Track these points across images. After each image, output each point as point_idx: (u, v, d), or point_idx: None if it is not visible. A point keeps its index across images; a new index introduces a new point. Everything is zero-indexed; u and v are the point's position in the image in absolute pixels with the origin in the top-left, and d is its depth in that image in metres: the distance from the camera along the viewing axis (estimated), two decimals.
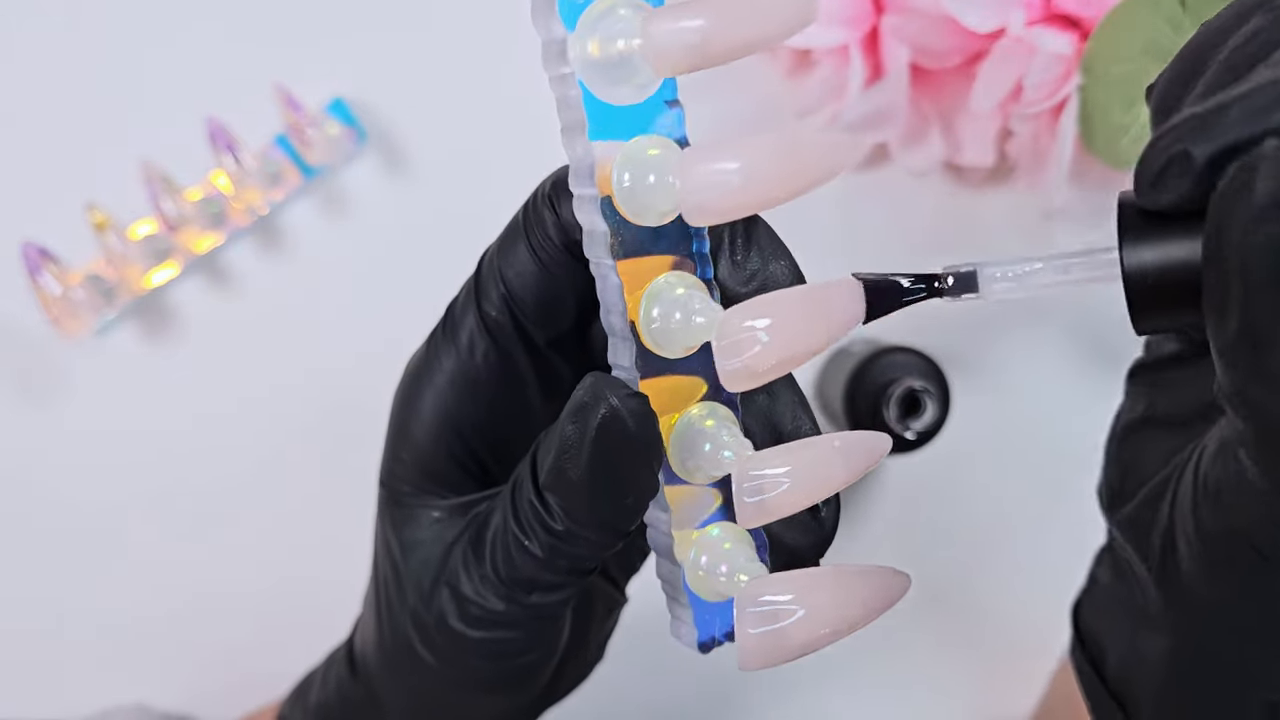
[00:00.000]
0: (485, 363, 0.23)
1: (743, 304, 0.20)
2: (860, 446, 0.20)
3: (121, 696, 0.45)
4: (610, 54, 0.19)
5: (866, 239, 0.47)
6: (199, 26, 0.46)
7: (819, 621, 0.20)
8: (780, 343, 0.19)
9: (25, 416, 0.45)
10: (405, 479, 0.25)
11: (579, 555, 0.22)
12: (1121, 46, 0.37)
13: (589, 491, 0.20)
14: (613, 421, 0.20)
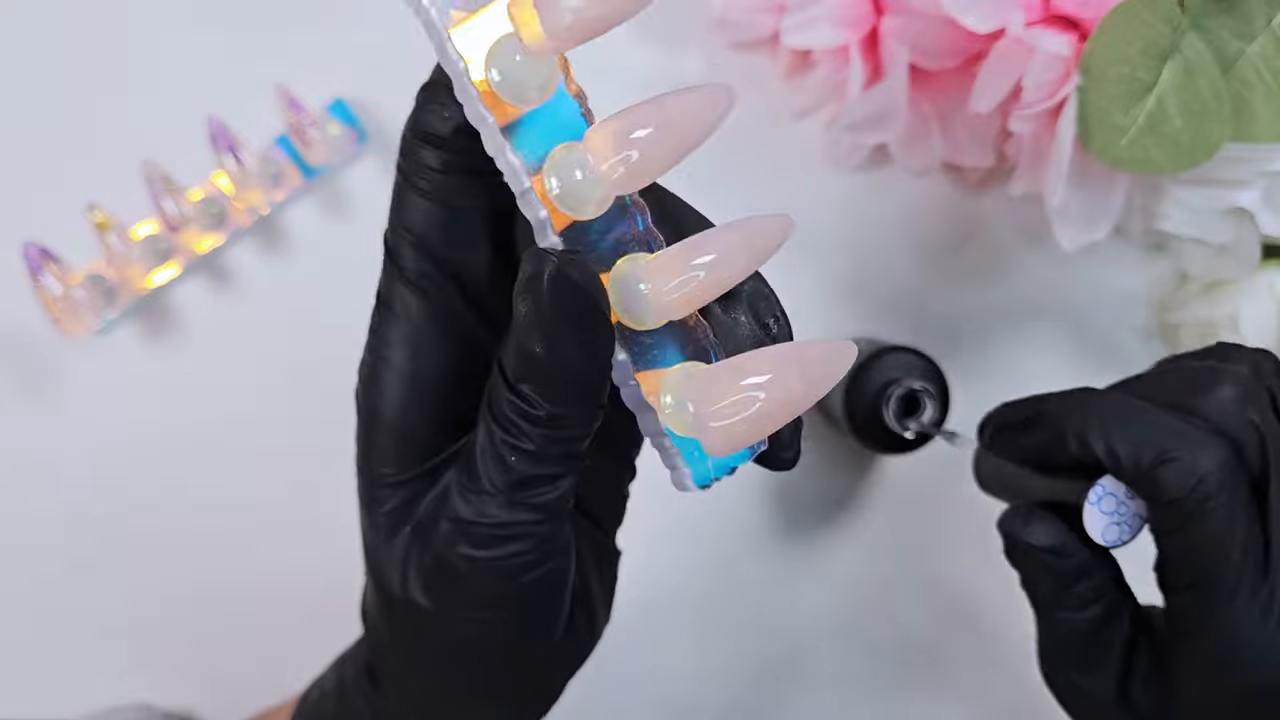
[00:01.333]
0: (424, 318, 0.24)
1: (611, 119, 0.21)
2: (760, 229, 0.22)
3: (123, 696, 0.45)
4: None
5: (866, 239, 0.47)
6: (200, 27, 0.46)
7: (770, 396, 0.20)
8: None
9: (26, 416, 0.45)
10: (383, 460, 0.25)
11: (567, 436, 0.22)
12: (1120, 47, 0.37)
13: (557, 362, 0.21)
14: (560, 279, 0.20)
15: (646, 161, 0.21)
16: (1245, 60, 0.37)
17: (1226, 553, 0.28)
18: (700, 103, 0.21)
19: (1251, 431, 0.29)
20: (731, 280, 0.22)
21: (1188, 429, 0.29)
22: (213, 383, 0.46)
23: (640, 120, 0.21)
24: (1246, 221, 0.40)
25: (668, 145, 0.21)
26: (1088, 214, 0.42)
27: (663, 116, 0.21)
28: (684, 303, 0.21)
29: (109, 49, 0.46)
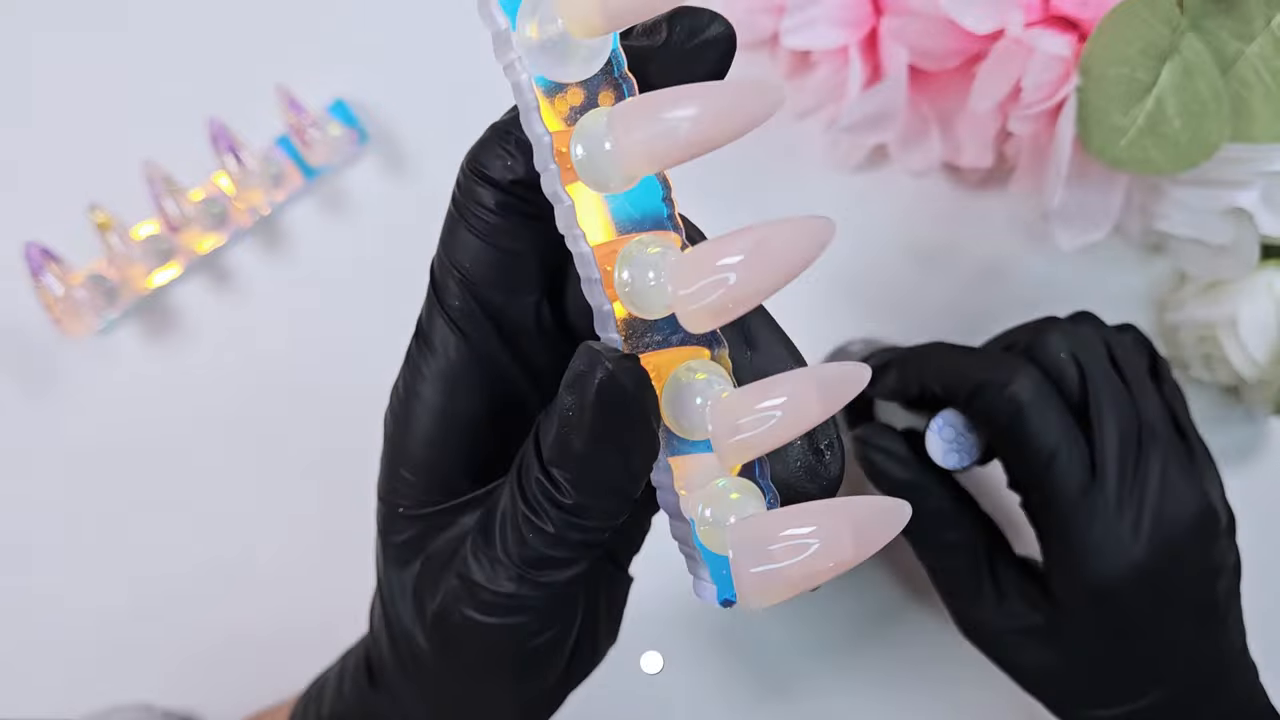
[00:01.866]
0: (462, 358, 0.23)
1: (704, 245, 0.19)
2: (838, 378, 0.20)
3: (123, 696, 0.45)
4: (550, 34, 0.19)
5: (866, 239, 0.47)
6: (201, 27, 0.46)
7: (818, 554, 0.20)
8: (743, 277, 0.19)
9: (26, 416, 0.45)
10: (406, 495, 0.24)
11: (590, 527, 0.22)
12: (1119, 48, 0.37)
13: (594, 460, 0.21)
14: (610, 386, 0.20)
15: (729, 297, 0.19)
16: (1244, 61, 0.37)
17: (1048, 458, 0.33)
18: (797, 235, 0.19)
19: (1070, 364, 0.34)
20: (799, 431, 0.20)
21: (1004, 361, 0.34)
22: (213, 383, 0.46)
23: (732, 249, 0.19)
24: (1245, 222, 0.40)
25: (757, 280, 0.19)
26: (1087, 214, 0.42)
27: (756, 248, 0.19)
28: (743, 449, 0.20)
29: (110, 49, 0.46)
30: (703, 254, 0.19)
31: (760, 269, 0.19)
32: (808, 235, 0.19)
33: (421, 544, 0.25)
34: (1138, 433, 0.33)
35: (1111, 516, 0.33)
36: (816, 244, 0.19)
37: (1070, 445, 0.33)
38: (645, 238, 0.20)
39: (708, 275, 0.19)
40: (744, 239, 0.19)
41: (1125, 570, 0.33)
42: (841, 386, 0.20)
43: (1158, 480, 0.33)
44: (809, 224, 0.19)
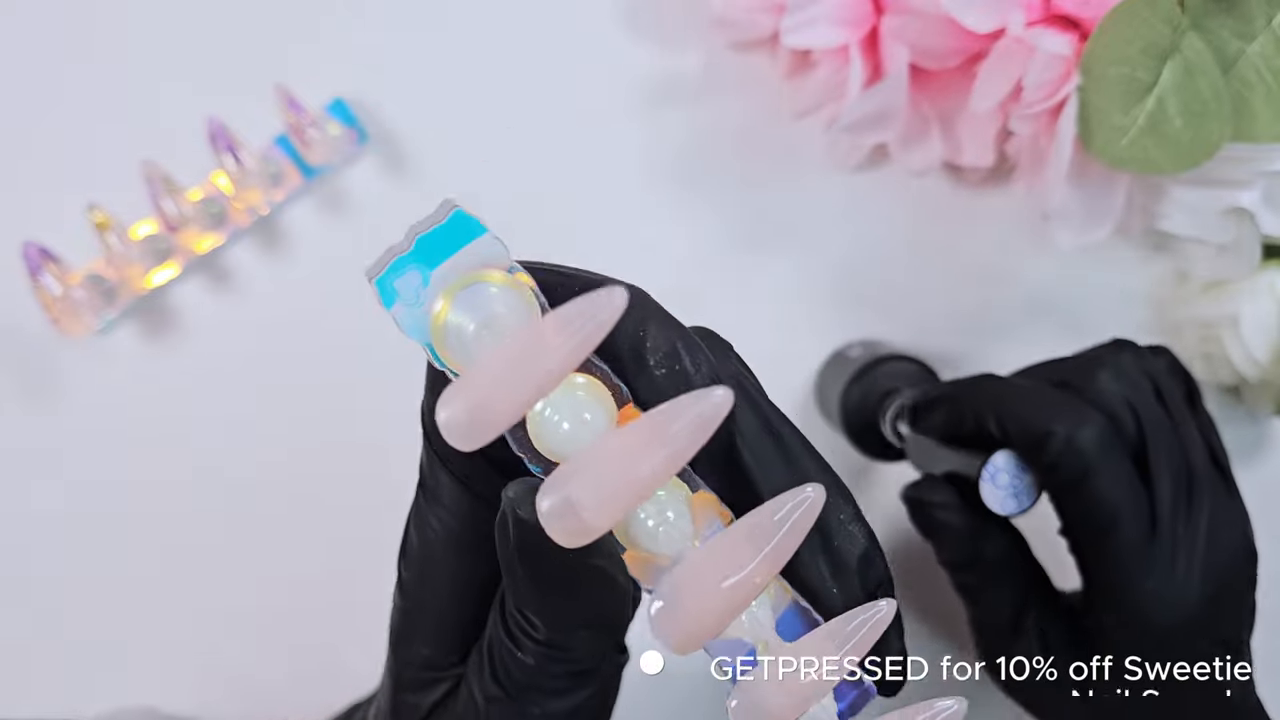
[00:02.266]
0: (472, 516, 0.22)
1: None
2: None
3: (122, 698, 0.45)
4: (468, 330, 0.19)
5: (866, 239, 0.47)
6: (199, 26, 0.46)
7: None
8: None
9: (26, 416, 0.45)
10: (418, 661, 0.24)
11: (573, 658, 0.21)
12: (1120, 47, 0.37)
13: (547, 601, 0.20)
14: (526, 533, 0.19)
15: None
16: (1245, 60, 0.37)
17: (1113, 515, 0.32)
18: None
19: (1126, 408, 0.33)
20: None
21: (1067, 405, 0.32)
22: (212, 383, 0.46)
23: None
24: (1247, 221, 0.40)
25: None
26: (1088, 214, 0.42)
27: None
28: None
29: (109, 48, 0.46)
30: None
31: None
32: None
33: (438, 706, 0.24)
34: (1188, 478, 0.33)
35: (1166, 569, 0.32)
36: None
37: (1134, 502, 0.32)
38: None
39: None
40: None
41: (1178, 621, 0.32)
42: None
43: (1206, 525, 0.32)
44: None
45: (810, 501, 0.19)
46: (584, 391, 0.19)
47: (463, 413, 0.18)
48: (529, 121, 0.46)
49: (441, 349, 0.19)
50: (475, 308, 0.19)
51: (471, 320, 0.19)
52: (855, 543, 0.20)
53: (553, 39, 0.47)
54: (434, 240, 0.19)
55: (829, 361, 0.46)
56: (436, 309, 0.19)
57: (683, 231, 0.46)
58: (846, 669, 0.19)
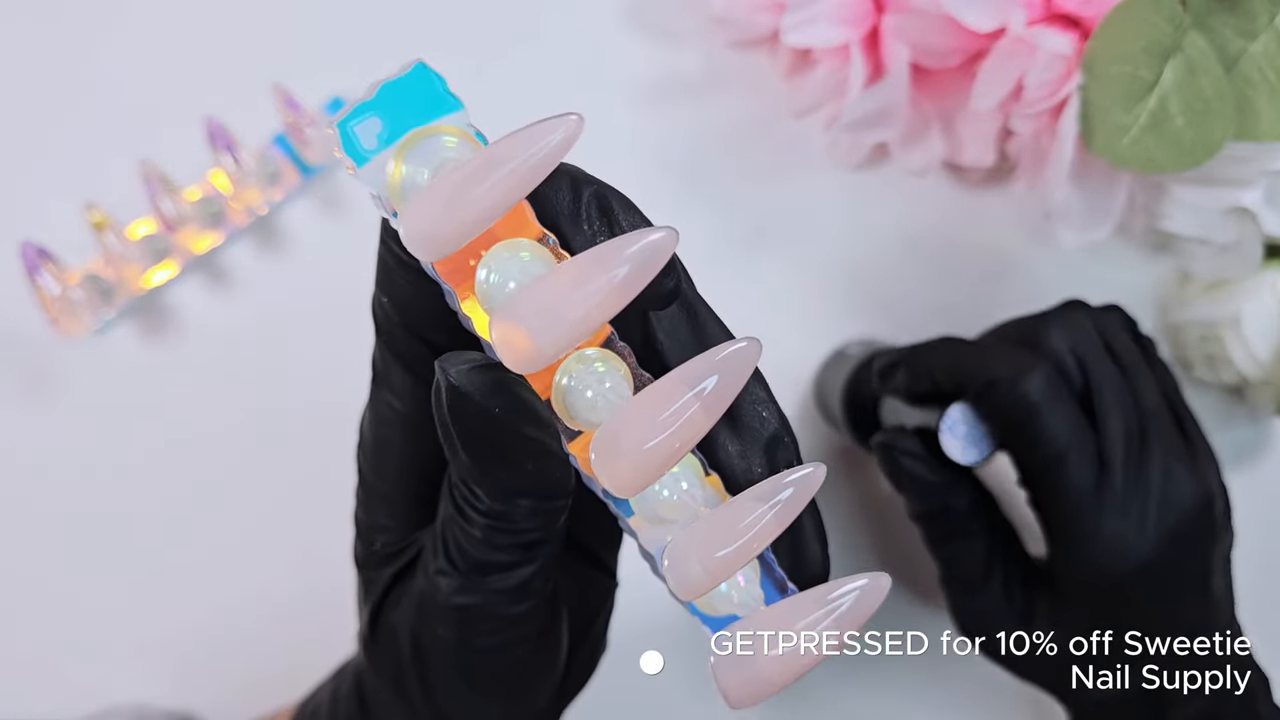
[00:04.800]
0: (423, 401, 0.22)
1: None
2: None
3: (121, 695, 0.45)
4: (415, 182, 0.19)
5: (866, 239, 0.47)
6: (198, 26, 0.46)
7: (794, 655, 0.19)
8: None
9: (25, 416, 0.45)
10: (382, 533, 0.24)
11: (520, 529, 0.21)
12: (1122, 46, 0.37)
13: (483, 470, 0.20)
14: (460, 402, 0.19)
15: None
16: (1248, 59, 0.37)
17: (1059, 456, 0.33)
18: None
19: (1071, 357, 0.34)
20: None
21: (1013, 356, 0.34)
22: (211, 382, 0.46)
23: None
24: (1249, 221, 0.40)
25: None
26: (1089, 213, 0.42)
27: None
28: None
29: (107, 48, 0.46)
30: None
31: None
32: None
33: (399, 577, 0.24)
34: (1140, 424, 0.34)
35: (1119, 512, 0.33)
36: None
37: (1081, 443, 0.33)
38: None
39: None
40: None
41: (1133, 565, 0.33)
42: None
43: (1160, 471, 0.33)
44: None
45: (745, 348, 0.19)
46: (529, 252, 0.19)
47: (422, 225, 0.18)
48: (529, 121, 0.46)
49: (397, 200, 0.19)
50: (429, 157, 0.19)
51: (425, 169, 0.19)
52: (766, 425, 0.21)
53: (553, 38, 0.47)
54: (395, 89, 0.20)
55: (828, 361, 0.46)
56: (391, 161, 0.19)
57: (682, 230, 0.45)
58: (774, 529, 0.19)
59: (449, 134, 0.20)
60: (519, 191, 0.18)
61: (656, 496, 0.20)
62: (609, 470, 0.19)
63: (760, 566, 0.21)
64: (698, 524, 0.20)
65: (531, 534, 0.22)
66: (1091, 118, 0.38)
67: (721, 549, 0.19)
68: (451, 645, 0.23)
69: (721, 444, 0.21)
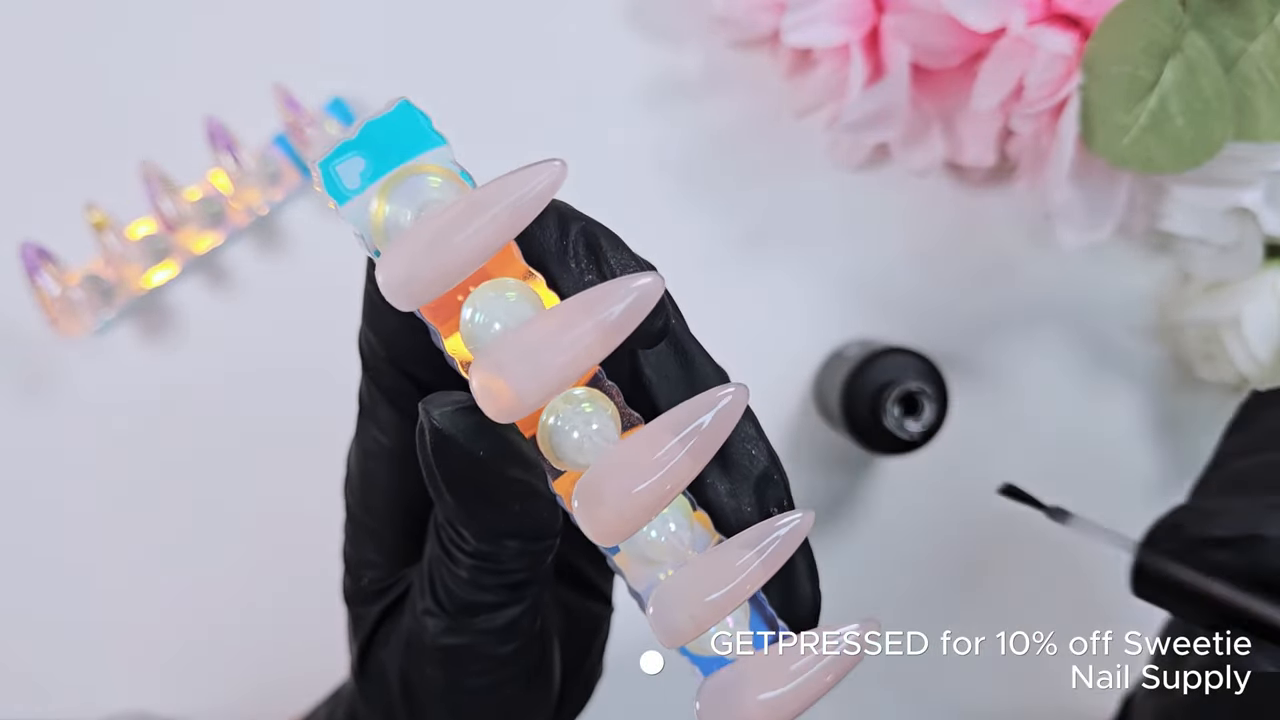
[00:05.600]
0: (409, 438, 0.22)
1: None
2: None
3: (120, 700, 0.45)
4: (397, 222, 0.19)
5: (866, 239, 0.47)
6: (198, 26, 0.46)
7: (781, 701, 0.19)
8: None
9: (25, 416, 0.45)
10: (369, 570, 0.24)
11: (507, 570, 0.21)
12: (1122, 46, 0.37)
13: (469, 511, 0.20)
14: (443, 444, 0.19)
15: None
16: (1247, 59, 0.37)
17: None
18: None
19: None
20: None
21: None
22: (211, 382, 0.45)
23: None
24: (1249, 221, 0.40)
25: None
26: (1089, 213, 0.42)
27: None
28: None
29: (108, 48, 0.46)
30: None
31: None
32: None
33: (387, 613, 0.24)
34: None
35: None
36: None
37: None
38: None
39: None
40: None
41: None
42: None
43: None
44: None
45: (733, 396, 0.19)
46: (515, 293, 0.19)
47: (401, 271, 0.18)
48: (529, 121, 0.46)
49: (380, 240, 0.19)
50: (412, 197, 0.19)
51: (409, 209, 0.19)
52: (755, 463, 0.20)
53: (553, 38, 0.47)
54: (379, 127, 0.20)
55: (827, 362, 0.46)
56: (375, 200, 0.19)
57: (683, 230, 0.46)
58: (761, 576, 0.19)
59: (433, 173, 0.19)
60: (501, 238, 0.18)
61: (644, 537, 0.20)
62: (592, 519, 0.19)
63: (751, 605, 0.21)
64: (684, 570, 0.19)
65: (519, 574, 0.21)
66: (1092, 118, 0.38)
67: (708, 594, 0.19)
68: (440, 685, 0.23)
69: (710, 483, 0.20)
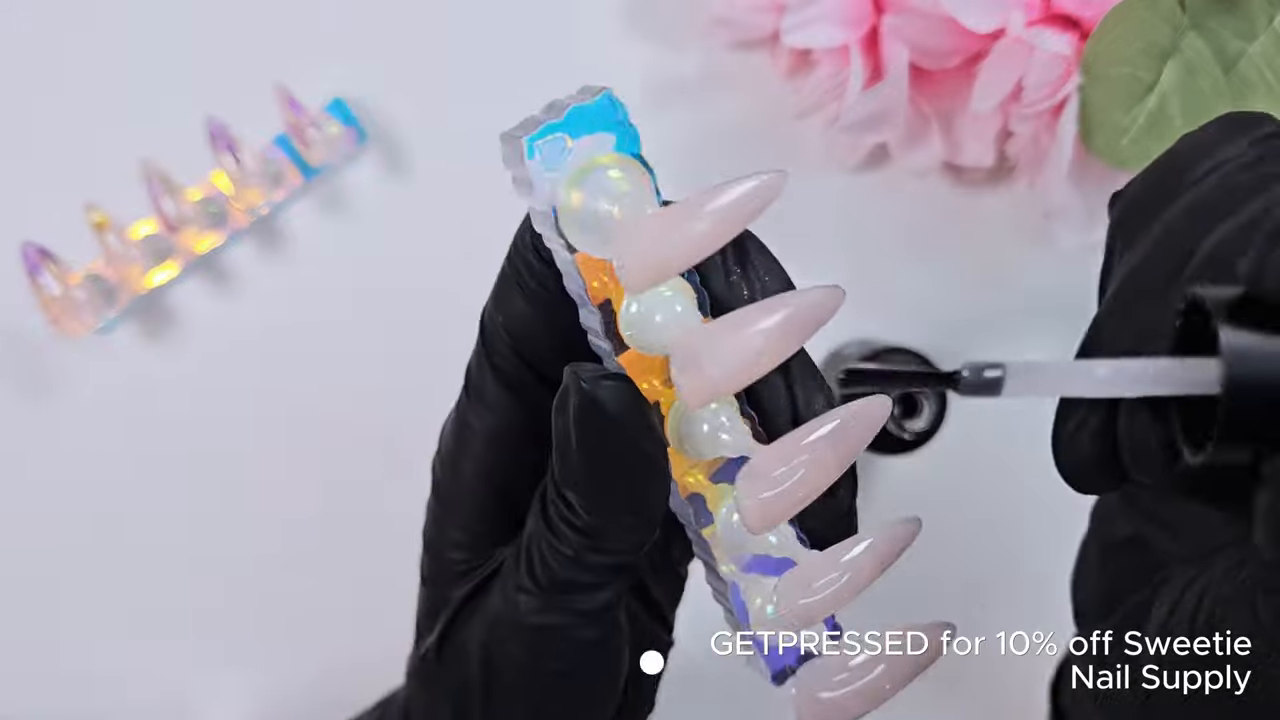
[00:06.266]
0: (514, 417, 0.23)
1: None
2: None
3: (118, 699, 0.45)
4: (594, 211, 0.20)
5: (866, 239, 0.47)
6: (199, 26, 0.46)
7: (870, 696, 0.21)
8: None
9: (25, 416, 0.45)
10: (454, 549, 0.24)
11: (611, 549, 0.21)
12: (1121, 47, 0.37)
13: (595, 480, 0.20)
14: (589, 407, 0.20)
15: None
16: (1246, 60, 0.37)
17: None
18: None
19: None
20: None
21: None
22: (212, 383, 0.46)
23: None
24: None
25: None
26: (1089, 214, 0.42)
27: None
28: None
29: (108, 48, 0.46)
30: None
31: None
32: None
33: (471, 595, 0.24)
34: None
35: None
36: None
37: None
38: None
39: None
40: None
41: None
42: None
43: None
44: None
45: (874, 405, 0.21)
46: (667, 287, 0.20)
47: (651, 249, 0.19)
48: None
49: (568, 221, 0.20)
50: (607, 188, 0.20)
51: (605, 197, 0.20)
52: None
53: (553, 38, 0.47)
54: (583, 115, 0.20)
55: (825, 362, 0.46)
56: (566, 185, 0.20)
57: None
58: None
59: (628, 166, 0.20)
60: (727, 237, 0.19)
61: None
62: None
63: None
64: (800, 565, 0.21)
65: (620, 555, 0.22)
66: (1091, 118, 0.38)
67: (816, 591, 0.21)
68: (523, 665, 0.23)
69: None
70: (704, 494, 0.22)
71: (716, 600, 0.23)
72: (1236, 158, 0.20)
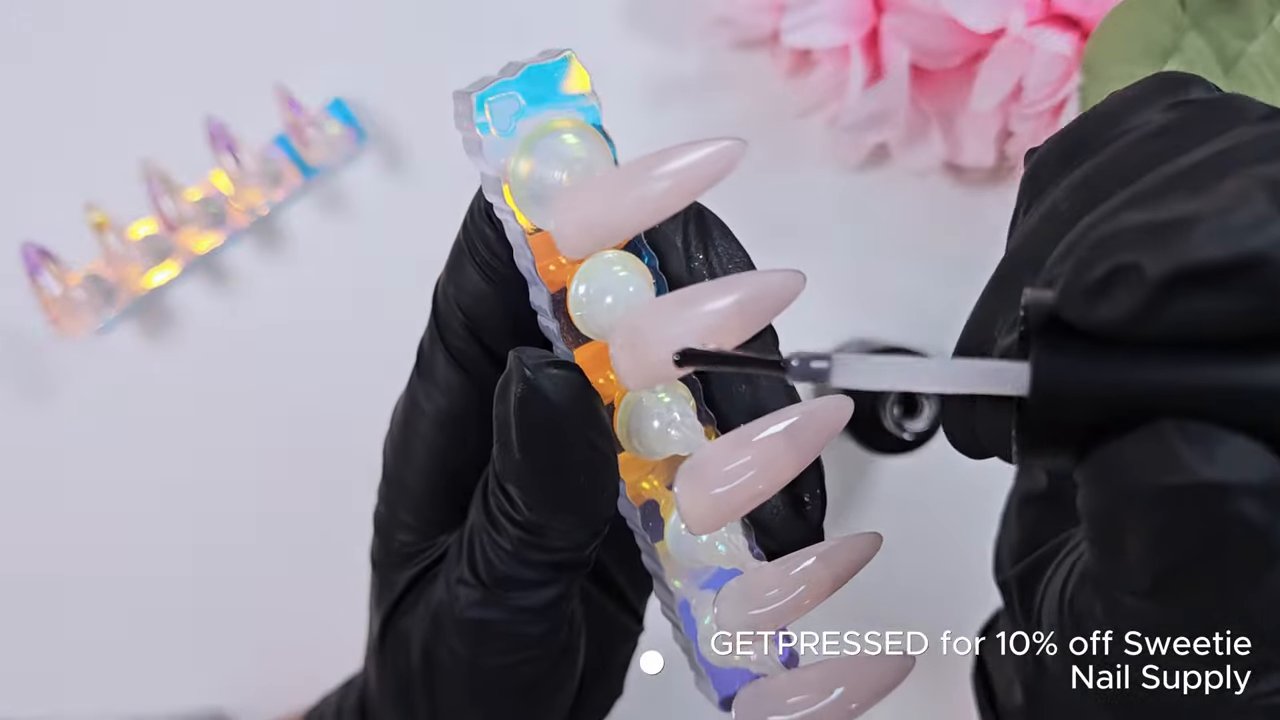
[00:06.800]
0: (465, 398, 0.22)
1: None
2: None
3: (119, 699, 0.45)
4: (543, 180, 0.19)
5: (866, 239, 0.47)
6: (199, 26, 0.46)
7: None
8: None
9: (25, 416, 0.45)
10: (403, 532, 0.24)
11: (554, 546, 0.20)
12: (1122, 47, 0.37)
13: (536, 475, 0.19)
14: (531, 395, 0.18)
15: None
16: (1246, 60, 0.37)
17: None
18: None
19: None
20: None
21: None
22: (212, 383, 0.46)
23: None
24: None
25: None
26: None
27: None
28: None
29: (108, 48, 0.46)
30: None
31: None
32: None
33: (416, 580, 0.24)
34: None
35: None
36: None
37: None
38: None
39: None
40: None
41: None
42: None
43: None
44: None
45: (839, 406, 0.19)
46: (621, 267, 0.19)
47: (592, 211, 0.18)
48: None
49: (517, 184, 0.19)
50: (560, 153, 0.19)
51: (556, 162, 0.19)
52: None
53: (553, 38, 0.46)
54: (540, 74, 0.19)
55: None
56: (519, 149, 0.19)
57: None
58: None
59: (585, 132, 0.19)
60: (683, 202, 0.18)
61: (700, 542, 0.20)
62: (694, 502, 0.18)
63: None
64: (744, 577, 0.20)
65: (563, 554, 0.21)
66: None
67: (763, 604, 0.19)
68: (463, 660, 0.22)
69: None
70: (658, 500, 0.21)
71: (665, 615, 0.22)
72: (1147, 124, 0.19)
